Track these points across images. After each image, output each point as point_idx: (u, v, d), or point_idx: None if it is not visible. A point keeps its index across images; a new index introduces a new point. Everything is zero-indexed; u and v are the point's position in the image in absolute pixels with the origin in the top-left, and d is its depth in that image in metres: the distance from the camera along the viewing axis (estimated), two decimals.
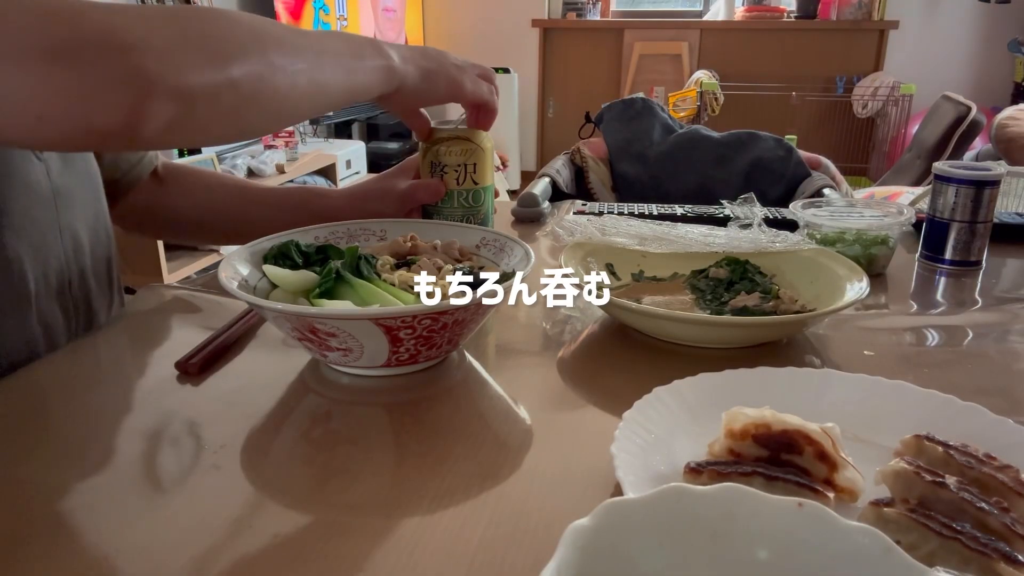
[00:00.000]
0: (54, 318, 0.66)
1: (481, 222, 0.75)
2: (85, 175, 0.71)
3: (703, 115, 3.92)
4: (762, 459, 0.41)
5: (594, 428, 0.51)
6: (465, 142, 0.73)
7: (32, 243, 0.63)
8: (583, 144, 1.60)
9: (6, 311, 0.61)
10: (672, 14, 4.53)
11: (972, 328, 0.71)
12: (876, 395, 0.51)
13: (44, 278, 0.64)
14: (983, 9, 4.02)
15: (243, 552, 0.39)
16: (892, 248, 0.82)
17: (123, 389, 0.58)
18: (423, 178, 0.76)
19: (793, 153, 1.45)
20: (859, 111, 4.06)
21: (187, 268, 2.55)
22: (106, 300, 0.74)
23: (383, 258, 0.63)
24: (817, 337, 0.66)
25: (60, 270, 0.67)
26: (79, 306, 0.69)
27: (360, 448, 0.49)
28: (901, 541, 0.35)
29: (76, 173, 0.69)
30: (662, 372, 0.52)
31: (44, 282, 0.64)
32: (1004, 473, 0.39)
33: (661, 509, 0.29)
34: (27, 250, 0.62)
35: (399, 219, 0.74)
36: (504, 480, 0.45)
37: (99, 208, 0.73)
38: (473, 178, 0.74)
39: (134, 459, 0.47)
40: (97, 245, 0.72)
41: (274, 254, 0.63)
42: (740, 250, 0.74)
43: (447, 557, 0.38)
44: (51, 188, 0.65)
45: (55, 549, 0.39)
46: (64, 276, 0.67)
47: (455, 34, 4.58)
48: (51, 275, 0.65)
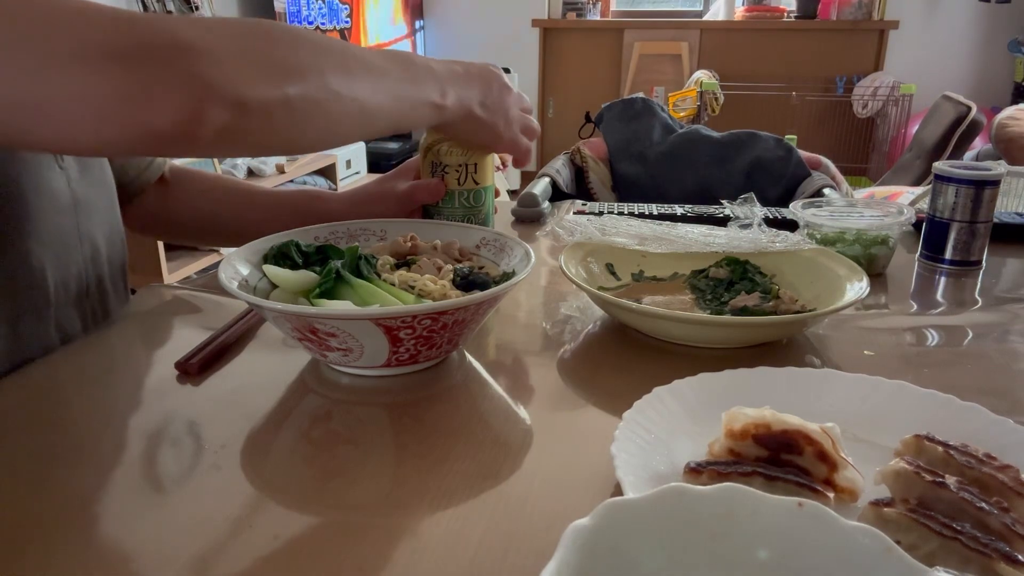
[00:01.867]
0: (71, 324, 0.67)
1: (482, 222, 0.75)
2: (101, 183, 0.71)
3: (703, 115, 3.92)
4: (762, 459, 0.41)
5: (594, 428, 0.51)
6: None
7: (55, 251, 0.64)
8: (583, 144, 1.60)
9: (27, 317, 0.62)
10: (672, 14, 4.53)
11: (972, 328, 0.71)
12: (876, 395, 0.51)
13: (64, 285, 0.65)
14: (983, 9, 4.02)
15: (243, 552, 0.39)
16: (892, 248, 0.82)
17: (123, 389, 0.58)
18: (424, 179, 0.75)
19: (793, 153, 1.45)
20: (859, 111, 4.06)
21: (187, 268, 2.55)
22: (121, 305, 0.75)
23: (383, 258, 0.63)
24: (817, 337, 0.66)
25: (79, 277, 0.67)
26: (96, 311, 0.70)
27: (360, 448, 0.49)
28: (901, 541, 0.35)
29: (94, 181, 0.70)
30: (662, 372, 0.52)
31: (64, 289, 0.65)
32: (1004, 473, 0.39)
33: (661, 509, 0.29)
34: (50, 258, 0.63)
35: (399, 219, 0.74)
36: (504, 480, 0.45)
37: (114, 215, 0.74)
38: (474, 178, 0.74)
39: (134, 459, 0.47)
40: (113, 252, 0.73)
41: (274, 254, 0.63)
42: (740, 250, 0.74)
43: (447, 557, 0.38)
44: (71, 196, 0.66)
45: (54, 547, 0.39)
46: (83, 282, 0.68)
47: (455, 34, 4.58)
48: (71, 282, 0.66)
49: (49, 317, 0.64)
